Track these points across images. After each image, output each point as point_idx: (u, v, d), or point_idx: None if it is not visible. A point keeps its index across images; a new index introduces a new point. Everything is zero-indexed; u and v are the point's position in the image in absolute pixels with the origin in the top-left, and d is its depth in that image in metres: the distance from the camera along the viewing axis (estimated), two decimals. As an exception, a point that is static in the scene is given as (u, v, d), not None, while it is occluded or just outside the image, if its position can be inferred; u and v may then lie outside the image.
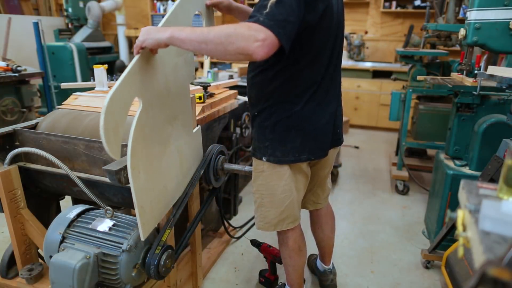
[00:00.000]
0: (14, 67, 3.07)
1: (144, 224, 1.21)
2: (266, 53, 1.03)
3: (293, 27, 1.09)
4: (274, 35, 1.03)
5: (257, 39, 1.00)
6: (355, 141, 4.64)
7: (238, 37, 1.01)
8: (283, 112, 1.35)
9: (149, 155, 1.22)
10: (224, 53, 1.05)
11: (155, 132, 1.25)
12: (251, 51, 1.01)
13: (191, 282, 1.86)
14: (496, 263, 0.53)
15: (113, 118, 0.99)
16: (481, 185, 0.79)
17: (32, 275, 1.51)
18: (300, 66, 1.29)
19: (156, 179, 1.28)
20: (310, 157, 1.41)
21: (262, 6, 1.08)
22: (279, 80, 1.32)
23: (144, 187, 1.19)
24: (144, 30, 1.12)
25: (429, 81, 2.25)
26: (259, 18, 1.04)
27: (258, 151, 1.44)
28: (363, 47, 5.42)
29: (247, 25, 1.04)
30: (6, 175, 1.44)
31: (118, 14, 5.84)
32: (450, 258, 1.83)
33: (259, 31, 1.01)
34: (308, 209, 1.78)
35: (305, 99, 1.34)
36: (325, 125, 1.41)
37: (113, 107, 0.99)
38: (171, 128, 1.36)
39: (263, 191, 1.48)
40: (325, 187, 1.71)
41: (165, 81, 1.29)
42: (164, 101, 1.30)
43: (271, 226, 1.52)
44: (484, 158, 1.97)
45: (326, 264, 1.91)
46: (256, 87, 1.40)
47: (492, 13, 1.82)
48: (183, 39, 1.07)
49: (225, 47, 1.03)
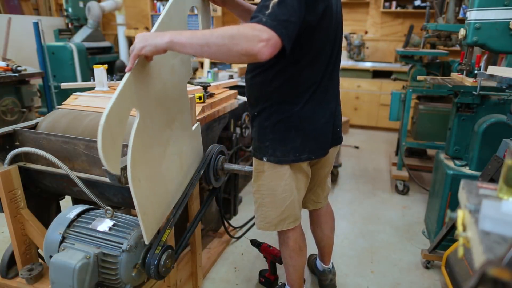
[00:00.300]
0: (14, 67, 3.07)
1: (147, 228, 1.22)
2: (270, 53, 1.02)
3: (295, 28, 1.09)
4: (277, 35, 1.02)
5: (261, 39, 0.99)
6: (355, 141, 4.64)
7: (242, 38, 1.00)
8: (283, 112, 1.35)
9: (149, 161, 1.21)
10: (228, 55, 1.03)
11: (154, 139, 1.24)
12: (256, 51, 1.00)
13: (191, 282, 1.86)
14: (496, 263, 0.53)
15: (110, 135, 0.98)
16: (481, 185, 0.79)
17: (32, 275, 1.51)
18: (300, 66, 1.29)
19: (157, 183, 1.28)
20: (310, 156, 1.41)
21: (264, 6, 1.07)
22: (279, 81, 1.32)
23: (146, 193, 1.20)
24: (140, 36, 1.08)
25: (429, 81, 2.25)
26: (261, 19, 1.03)
27: (259, 151, 1.44)
28: (363, 47, 5.42)
29: (250, 25, 1.02)
30: (6, 175, 1.44)
31: (118, 14, 5.84)
32: (450, 258, 1.83)
33: (262, 31, 1.00)
34: (308, 209, 1.78)
35: (305, 99, 1.34)
36: (325, 125, 1.42)
37: (109, 124, 0.97)
38: (170, 131, 1.36)
39: (263, 191, 1.48)
40: (325, 186, 1.72)
41: (162, 85, 1.27)
42: (162, 107, 1.28)
43: (272, 226, 1.52)
44: (484, 158, 1.97)
45: (326, 263, 1.91)
46: (255, 88, 1.39)
47: (492, 13, 1.82)
48: (184, 43, 1.05)
49: (229, 48, 1.01)
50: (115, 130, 1.00)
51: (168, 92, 1.32)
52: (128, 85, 1.06)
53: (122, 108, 1.04)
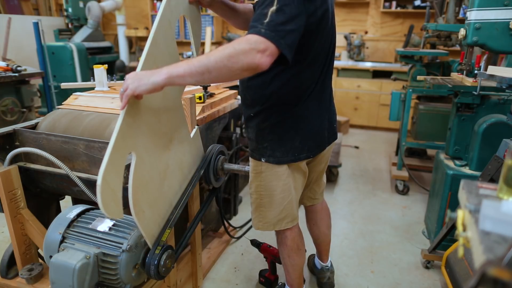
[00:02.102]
0: (14, 67, 3.07)
1: (152, 237, 1.27)
2: (269, 62, 1.03)
3: (295, 36, 1.08)
4: (275, 46, 1.02)
5: (258, 50, 1.00)
6: (355, 141, 4.64)
7: (240, 55, 0.99)
8: (281, 113, 1.35)
9: (150, 191, 1.22)
10: (230, 75, 1.03)
11: (153, 170, 1.22)
12: (256, 64, 1.00)
13: (191, 282, 1.86)
14: (496, 263, 0.53)
15: (110, 189, 0.98)
16: (481, 185, 0.79)
17: (32, 275, 1.51)
18: (299, 68, 1.28)
19: (160, 203, 1.30)
20: (309, 155, 1.42)
21: (262, 14, 1.06)
22: (277, 83, 1.31)
23: (150, 219, 1.23)
24: (131, 77, 1.04)
25: (429, 81, 2.25)
26: (260, 30, 1.02)
27: (257, 152, 1.43)
28: (363, 47, 5.42)
29: (246, 39, 1.02)
30: (6, 175, 1.44)
31: (118, 14, 5.84)
32: (450, 258, 1.83)
33: (259, 43, 1.00)
34: (305, 205, 1.79)
35: (303, 100, 1.34)
36: (322, 122, 1.43)
37: (107, 180, 0.96)
38: (168, 152, 1.33)
39: (261, 191, 1.48)
40: (321, 182, 1.73)
41: (155, 114, 1.23)
42: (157, 135, 1.24)
43: (270, 226, 1.52)
44: (484, 158, 1.97)
45: (324, 261, 1.92)
46: (252, 90, 1.38)
47: (492, 13, 1.82)
48: (182, 75, 1.02)
49: (230, 69, 1.00)
50: (114, 184, 0.99)
51: (162, 117, 1.27)
52: (122, 134, 1.03)
53: (118, 159, 1.02)
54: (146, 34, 6.23)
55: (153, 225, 1.25)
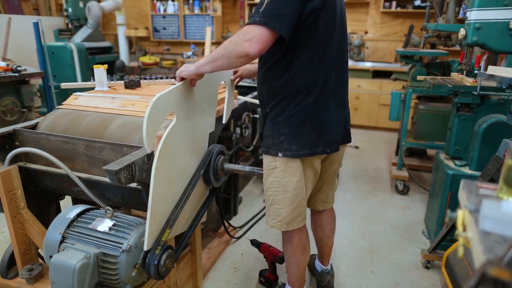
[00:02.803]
0: (14, 67, 3.07)
1: (152, 233, 1.28)
2: (259, 48, 1.17)
3: (290, 17, 1.20)
4: (267, 29, 1.16)
5: (246, 40, 1.17)
6: (355, 141, 4.64)
7: (232, 45, 1.20)
8: (295, 106, 1.38)
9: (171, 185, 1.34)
10: (229, 62, 1.24)
11: (176, 166, 1.35)
12: (245, 52, 1.18)
13: (191, 282, 1.86)
14: (496, 263, 0.53)
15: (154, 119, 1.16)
16: (481, 185, 0.79)
17: (32, 275, 1.51)
18: (307, 56, 1.33)
19: (167, 201, 1.35)
20: (325, 150, 1.44)
21: (259, 4, 1.21)
22: (289, 73, 1.36)
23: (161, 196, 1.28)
24: (184, 65, 1.37)
25: (429, 81, 2.25)
26: (255, 18, 1.18)
27: (273, 148, 1.45)
28: (363, 47, 5.42)
29: (239, 32, 1.20)
30: (6, 175, 1.44)
31: (118, 14, 5.84)
32: (450, 258, 1.83)
33: (248, 32, 1.18)
34: (317, 210, 1.78)
35: (316, 91, 1.37)
36: (338, 117, 1.46)
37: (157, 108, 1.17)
38: (188, 159, 1.47)
39: (275, 188, 1.48)
40: (334, 184, 1.74)
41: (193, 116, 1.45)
42: (187, 137, 1.42)
43: (284, 225, 1.52)
44: (484, 158, 1.97)
45: (325, 264, 1.91)
46: (266, 84, 1.44)
47: (492, 13, 1.82)
48: (203, 64, 1.29)
49: (227, 57, 1.23)
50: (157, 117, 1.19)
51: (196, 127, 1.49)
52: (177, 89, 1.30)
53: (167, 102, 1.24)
54: (146, 34, 6.24)
55: (159, 205, 1.28)
